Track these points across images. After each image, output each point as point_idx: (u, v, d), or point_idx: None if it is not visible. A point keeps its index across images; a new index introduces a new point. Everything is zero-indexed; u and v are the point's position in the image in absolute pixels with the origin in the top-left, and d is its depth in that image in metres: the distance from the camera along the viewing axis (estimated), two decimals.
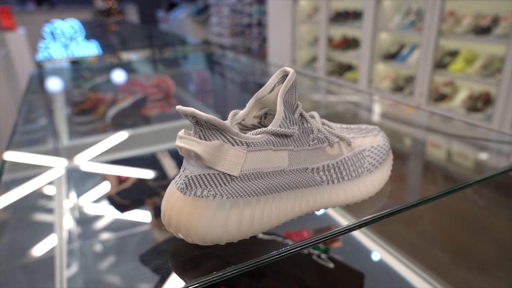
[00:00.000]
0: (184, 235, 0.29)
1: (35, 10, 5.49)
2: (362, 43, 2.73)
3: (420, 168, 0.71)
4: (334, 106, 1.12)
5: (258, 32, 4.63)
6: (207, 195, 0.29)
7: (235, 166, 0.29)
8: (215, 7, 5.61)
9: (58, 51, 1.99)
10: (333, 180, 0.34)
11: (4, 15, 2.14)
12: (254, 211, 0.30)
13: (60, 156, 0.85)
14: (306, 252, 0.50)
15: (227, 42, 5.42)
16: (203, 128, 0.28)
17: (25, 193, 0.68)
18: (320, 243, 0.62)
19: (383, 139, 0.40)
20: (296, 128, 0.32)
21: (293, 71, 0.32)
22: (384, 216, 0.39)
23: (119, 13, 5.53)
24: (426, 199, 0.42)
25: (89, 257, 0.57)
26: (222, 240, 0.29)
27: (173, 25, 6.74)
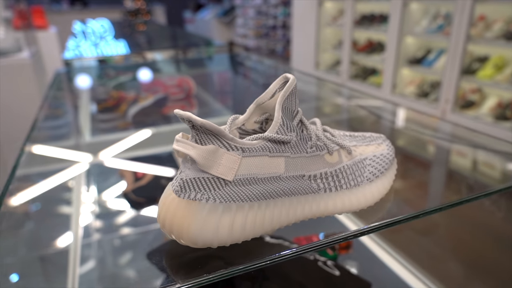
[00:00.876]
0: (176, 236, 0.29)
1: (67, 10, 5.69)
2: (387, 47, 2.69)
3: (439, 175, 0.69)
4: (352, 112, 1.11)
5: (282, 34, 4.63)
6: (200, 198, 0.29)
7: (229, 171, 0.29)
8: (240, 9, 5.64)
9: (88, 49, 2.05)
10: (331, 188, 0.34)
11: (37, 15, 2.23)
12: (246, 216, 0.30)
13: (82, 152, 0.88)
14: (312, 258, 0.50)
15: (251, 43, 5.44)
16: (199, 133, 0.29)
17: (46, 187, 0.71)
18: (325, 249, 0.61)
19: (387, 148, 0.39)
20: (293, 135, 0.32)
21: (293, 77, 0.32)
22: (392, 224, 0.38)
23: (147, 13, 5.65)
24: (436, 208, 0.41)
25: (101, 252, 0.59)
26: (213, 244, 0.30)
27: (199, 26, 6.82)
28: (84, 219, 0.64)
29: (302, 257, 0.49)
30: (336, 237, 0.36)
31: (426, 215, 0.41)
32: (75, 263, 0.58)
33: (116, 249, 0.61)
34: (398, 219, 0.39)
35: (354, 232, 0.36)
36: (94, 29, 2.46)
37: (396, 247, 0.68)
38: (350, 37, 3.07)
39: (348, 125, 0.97)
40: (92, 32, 2.47)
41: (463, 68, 2.21)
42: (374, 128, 0.93)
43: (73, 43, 2.12)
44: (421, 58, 2.58)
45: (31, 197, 0.69)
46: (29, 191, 0.72)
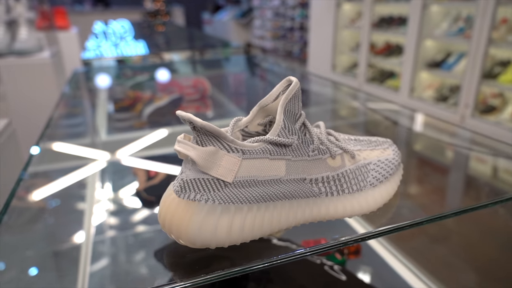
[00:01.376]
0: (175, 236, 0.30)
1: (89, 11, 5.82)
2: (406, 49, 2.65)
3: (454, 181, 0.68)
4: (366, 116, 1.10)
5: (299, 36, 4.61)
6: (200, 199, 0.29)
7: (229, 172, 0.29)
8: (258, 10, 5.65)
9: (109, 49, 2.09)
10: (332, 193, 0.34)
11: (59, 16, 2.29)
12: (245, 218, 0.30)
13: (97, 150, 0.90)
14: (318, 262, 0.49)
15: (268, 45, 5.44)
16: (200, 134, 0.29)
17: (61, 183, 0.73)
18: (333, 254, 0.61)
19: (393, 153, 0.38)
20: (295, 138, 0.31)
21: (296, 80, 0.32)
22: (401, 228, 0.37)
23: (166, 14, 5.73)
24: (448, 214, 0.41)
25: (112, 249, 0.60)
26: (211, 244, 0.30)
27: (217, 27, 6.86)
28: (97, 216, 0.65)
29: (309, 260, 0.49)
30: (335, 242, 0.35)
31: (437, 220, 0.41)
32: (86, 259, 0.60)
33: (126, 246, 0.62)
34: (409, 223, 0.38)
35: (354, 237, 0.36)
36: (114, 29, 2.51)
37: (407, 254, 0.67)
38: (368, 39, 3.04)
39: (361, 129, 0.96)
40: (113, 32, 2.52)
41: (484, 72, 2.16)
42: (388, 132, 0.91)
43: (94, 43, 2.17)
44: (440, 62, 2.54)
45: (47, 193, 0.71)
46: (45, 187, 0.74)
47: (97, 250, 0.60)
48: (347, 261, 0.62)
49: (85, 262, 0.59)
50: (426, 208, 0.51)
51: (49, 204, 0.70)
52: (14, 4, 1.46)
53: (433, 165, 0.74)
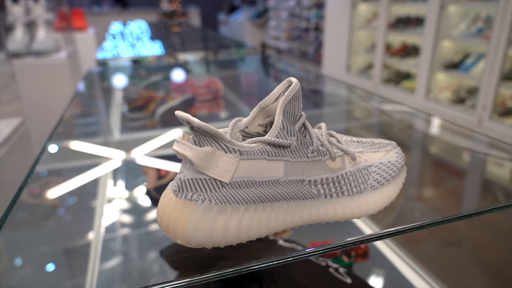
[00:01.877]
0: (172, 235, 0.30)
1: (107, 12, 5.92)
2: (422, 50, 2.60)
3: (468, 184, 0.66)
4: (379, 118, 1.08)
5: (314, 37, 4.59)
6: (196, 199, 0.29)
7: (226, 173, 0.29)
8: (274, 11, 5.65)
9: (125, 50, 2.13)
10: (332, 195, 0.34)
11: (76, 17, 2.34)
12: (241, 219, 0.30)
13: (110, 149, 0.91)
14: (323, 264, 0.49)
15: (283, 45, 5.43)
16: (198, 134, 0.29)
17: (74, 181, 0.74)
18: (336, 254, 0.60)
19: (396, 155, 0.38)
20: (294, 139, 0.31)
21: (296, 81, 0.32)
22: (407, 230, 0.37)
23: (182, 15, 5.78)
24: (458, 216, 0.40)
25: (121, 247, 0.61)
26: (207, 244, 0.30)
27: (232, 28, 6.89)
28: (107, 214, 0.66)
29: (314, 262, 0.49)
30: (332, 245, 0.35)
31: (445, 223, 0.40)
32: (96, 256, 0.61)
33: (135, 244, 0.63)
34: (416, 225, 0.37)
35: (353, 240, 0.36)
36: (132, 30, 2.55)
37: (416, 258, 0.65)
38: (384, 40, 3.00)
39: (375, 130, 0.95)
40: (130, 33, 2.56)
41: (503, 74, 2.10)
42: (402, 134, 0.90)
43: (111, 44, 2.20)
44: (458, 63, 2.48)
45: (60, 191, 0.73)
46: (59, 184, 0.75)
47: (107, 248, 0.61)
48: (354, 264, 0.61)
49: (94, 259, 0.60)
50: (436, 211, 0.50)
51: (62, 201, 0.72)
52: (33, 6, 1.50)
53: (447, 167, 0.73)
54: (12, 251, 0.59)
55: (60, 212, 0.72)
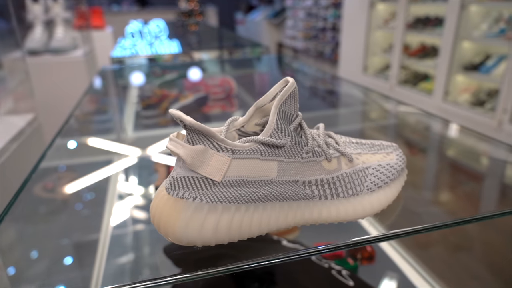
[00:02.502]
0: (163, 232, 0.30)
1: (126, 11, 6.00)
2: (441, 51, 2.55)
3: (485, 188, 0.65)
4: (394, 120, 1.06)
5: (331, 37, 4.55)
6: (188, 197, 0.29)
7: (218, 172, 0.29)
8: (291, 10, 5.62)
9: (144, 48, 2.15)
10: (326, 196, 0.33)
11: (95, 15, 2.38)
12: (232, 218, 0.30)
13: (123, 145, 0.92)
14: (326, 266, 0.49)
15: (300, 45, 5.40)
16: (191, 132, 0.29)
17: (86, 177, 0.76)
18: (341, 255, 0.59)
19: (396, 157, 0.37)
20: (288, 139, 0.31)
21: (292, 81, 0.32)
22: (411, 233, 0.36)
23: (199, 14, 5.81)
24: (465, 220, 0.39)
25: (127, 242, 0.62)
26: (197, 242, 0.30)
27: (249, 27, 6.89)
28: (117, 210, 0.67)
29: (316, 264, 0.48)
30: (326, 247, 0.34)
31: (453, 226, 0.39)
32: (104, 250, 0.62)
33: (140, 240, 0.63)
34: (425, 227, 0.36)
35: (354, 241, 0.35)
36: (150, 29, 2.58)
37: (425, 263, 0.64)
38: (402, 40, 2.95)
39: (390, 132, 0.94)
40: (148, 32, 2.59)
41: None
42: (416, 136, 0.89)
43: (129, 42, 2.23)
44: (478, 64, 2.42)
45: (72, 185, 0.74)
46: (71, 180, 0.77)
47: (115, 243, 0.62)
48: (360, 267, 0.60)
49: (102, 253, 0.61)
50: (448, 214, 0.49)
51: (74, 196, 0.74)
52: (52, 5, 1.53)
53: (460, 170, 0.71)
54: (24, 243, 0.61)
55: (72, 206, 0.74)
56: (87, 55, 1.58)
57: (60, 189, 0.77)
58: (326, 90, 1.46)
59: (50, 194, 0.76)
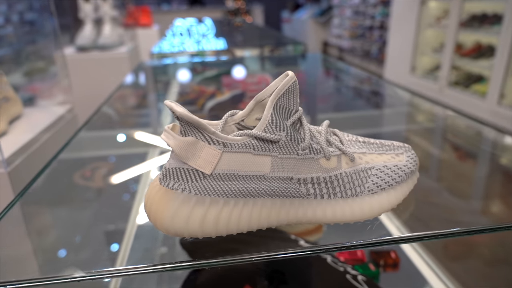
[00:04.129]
0: (152, 222, 0.30)
1: (175, 10, 6.20)
2: (498, 51, 2.37)
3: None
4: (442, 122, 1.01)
5: (379, 35, 4.40)
6: (177, 188, 0.29)
7: (208, 164, 0.29)
8: (338, 9, 5.51)
9: (191, 46, 2.21)
10: (323, 195, 0.32)
11: (144, 14, 2.48)
12: (220, 212, 0.30)
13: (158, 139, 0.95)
14: (341, 270, 0.47)
15: (346, 44, 5.28)
16: (183, 124, 0.29)
17: (120, 168, 0.79)
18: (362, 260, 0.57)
19: (406, 159, 0.34)
20: (283, 135, 0.30)
21: (292, 75, 0.30)
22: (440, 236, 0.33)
23: (245, 13, 5.86)
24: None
25: (151, 232, 0.63)
26: (184, 234, 0.30)
27: (295, 26, 6.85)
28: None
29: (331, 266, 0.47)
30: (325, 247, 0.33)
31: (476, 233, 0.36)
32: (130, 237, 0.64)
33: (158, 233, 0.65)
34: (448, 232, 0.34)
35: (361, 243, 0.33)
36: (198, 27, 2.65)
37: (454, 276, 0.60)
38: (454, 39, 2.79)
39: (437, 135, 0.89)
40: (196, 30, 2.66)
41: None
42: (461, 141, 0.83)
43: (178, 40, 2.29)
44: None
45: (108, 175, 0.78)
46: (107, 170, 0.80)
47: (141, 230, 0.64)
48: (382, 274, 0.58)
49: (128, 239, 0.63)
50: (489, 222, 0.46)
51: (108, 185, 0.77)
52: (101, 3, 1.62)
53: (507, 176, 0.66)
54: (60, 226, 0.65)
55: (105, 194, 0.77)
56: (131, 52, 1.65)
57: (97, 178, 0.81)
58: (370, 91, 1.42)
59: (87, 182, 0.81)
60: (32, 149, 0.76)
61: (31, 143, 0.77)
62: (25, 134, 0.78)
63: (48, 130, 0.84)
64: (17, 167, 0.70)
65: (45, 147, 0.81)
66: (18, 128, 0.83)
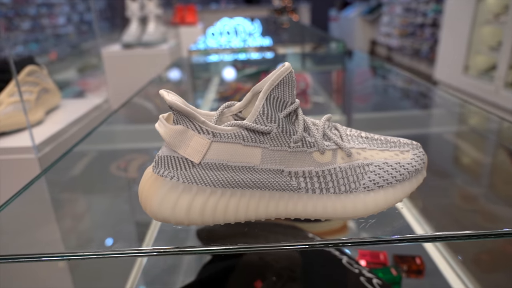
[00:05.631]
0: (143, 207, 0.31)
1: (223, 9, 6.31)
2: None
3: None
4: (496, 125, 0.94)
5: (430, 33, 4.19)
6: (166, 175, 0.30)
7: (197, 153, 0.29)
8: (387, 6, 5.32)
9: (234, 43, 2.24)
10: (314, 190, 0.31)
11: (189, 13, 2.55)
12: (206, 201, 0.30)
13: None
14: (356, 271, 0.45)
15: (394, 43, 5.09)
16: (176, 113, 0.29)
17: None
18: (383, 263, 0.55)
19: (412, 157, 0.32)
20: (274, 126, 0.29)
21: (287, 66, 0.30)
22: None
23: (292, 11, 5.83)
24: None
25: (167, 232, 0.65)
26: (170, 220, 0.30)
27: (342, 24, 6.71)
28: None
29: (345, 267, 0.45)
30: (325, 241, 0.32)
31: None
32: (156, 226, 0.67)
33: None
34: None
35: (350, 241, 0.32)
36: (244, 26, 2.68)
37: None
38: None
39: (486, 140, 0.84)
40: (243, 29, 2.69)
41: None
42: None
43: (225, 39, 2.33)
44: None
45: (141, 167, 0.81)
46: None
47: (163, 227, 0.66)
48: (405, 279, 0.55)
49: (154, 228, 0.66)
50: None
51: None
52: (147, 2, 1.69)
53: None
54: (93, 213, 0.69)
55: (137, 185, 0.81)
56: (172, 49, 1.70)
57: (131, 169, 0.84)
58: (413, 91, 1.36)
59: (121, 172, 0.85)
60: (64, 137, 0.81)
61: (62, 132, 0.82)
62: (59, 124, 0.84)
63: (81, 120, 0.89)
64: (47, 154, 0.75)
65: (76, 135, 0.86)
66: (53, 117, 0.89)
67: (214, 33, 2.37)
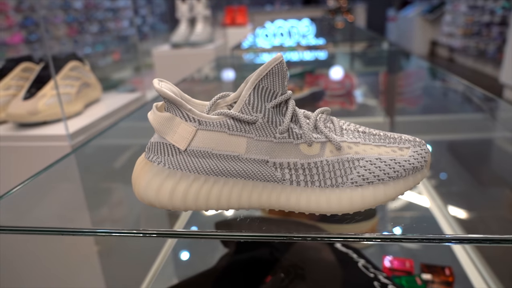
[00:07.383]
0: (133, 190, 0.33)
1: (277, 10, 6.33)
2: None
3: None
4: None
5: (498, 32, 3.87)
6: (155, 161, 0.31)
7: (183, 140, 0.30)
8: (451, 4, 5.01)
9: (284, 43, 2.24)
10: (299, 182, 0.30)
11: (240, 14, 2.60)
12: (189, 187, 0.30)
13: None
14: (371, 276, 0.43)
15: (457, 43, 4.77)
16: (166, 101, 0.30)
17: None
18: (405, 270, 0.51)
19: (411, 154, 0.30)
20: (259, 116, 0.29)
21: (279, 55, 0.30)
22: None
23: (347, 11, 5.70)
24: None
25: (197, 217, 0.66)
26: (155, 204, 0.31)
27: (401, 24, 6.43)
28: None
29: (360, 270, 0.43)
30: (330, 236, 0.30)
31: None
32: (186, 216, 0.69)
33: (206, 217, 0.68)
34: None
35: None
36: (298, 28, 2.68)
37: None
38: None
39: None
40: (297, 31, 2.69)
41: None
42: None
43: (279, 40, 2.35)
44: None
45: None
46: None
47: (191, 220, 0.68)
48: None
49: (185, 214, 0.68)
50: None
51: None
52: (195, 4, 1.75)
53: None
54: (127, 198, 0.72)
55: None
56: (217, 49, 1.75)
57: None
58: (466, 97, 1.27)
59: None
60: (97, 128, 0.87)
61: (97, 123, 0.88)
62: (94, 115, 0.89)
63: (116, 113, 0.95)
64: (80, 142, 0.80)
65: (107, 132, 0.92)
66: (92, 110, 0.95)
67: (267, 34, 2.39)
